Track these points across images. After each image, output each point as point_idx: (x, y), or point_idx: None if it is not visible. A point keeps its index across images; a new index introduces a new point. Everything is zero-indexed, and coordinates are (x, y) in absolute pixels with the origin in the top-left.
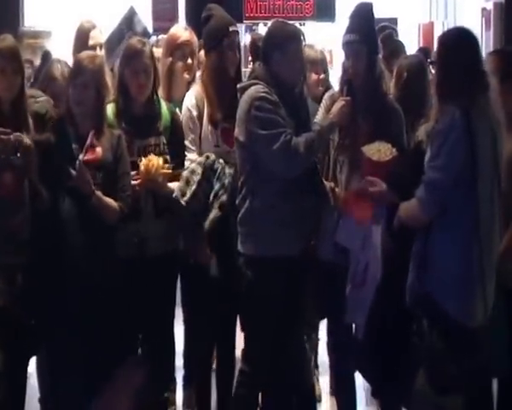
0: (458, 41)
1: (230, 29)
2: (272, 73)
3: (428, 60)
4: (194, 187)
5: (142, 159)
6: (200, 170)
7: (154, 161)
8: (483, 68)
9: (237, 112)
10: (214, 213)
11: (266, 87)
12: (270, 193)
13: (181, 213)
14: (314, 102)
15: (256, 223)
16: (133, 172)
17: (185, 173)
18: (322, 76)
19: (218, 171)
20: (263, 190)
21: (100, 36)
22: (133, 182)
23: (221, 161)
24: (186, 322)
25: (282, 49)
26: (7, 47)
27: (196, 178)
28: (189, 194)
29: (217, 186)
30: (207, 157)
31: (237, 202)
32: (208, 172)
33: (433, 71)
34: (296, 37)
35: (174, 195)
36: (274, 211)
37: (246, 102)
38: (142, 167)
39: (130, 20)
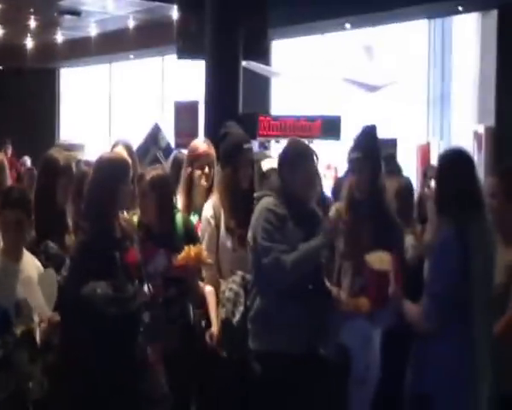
0: (454, 160)
1: (245, 147)
2: (284, 187)
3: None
4: (241, 308)
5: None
6: (242, 292)
7: (204, 251)
8: (478, 185)
9: (251, 219)
10: None
11: (277, 199)
12: (275, 295)
13: (232, 335)
14: None
15: (265, 322)
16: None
17: (232, 296)
18: None
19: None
20: (269, 291)
21: (121, 151)
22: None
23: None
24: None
25: (293, 165)
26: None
27: (242, 299)
28: (238, 315)
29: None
30: (243, 278)
31: (248, 302)
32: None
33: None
34: (307, 154)
35: (225, 317)
36: (280, 311)
37: (258, 211)
38: (191, 252)
39: (155, 135)
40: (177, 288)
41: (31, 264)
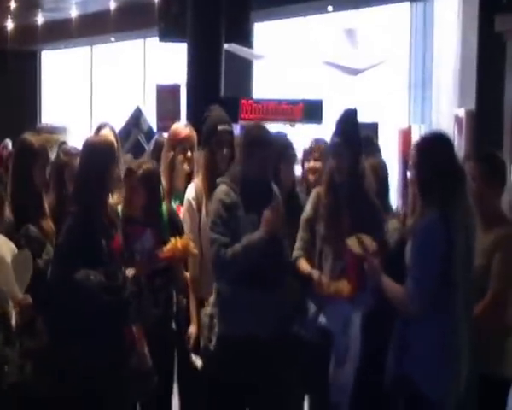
0: (432, 144)
1: (219, 128)
2: (240, 171)
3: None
4: (216, 331)
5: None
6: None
7: (191, 242)
8: (458, 168)
9: None
10: None
11: (231, 186)
12: (230, 281)
13: (210, 360)
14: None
15: (222, 306)
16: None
17: (207, 321)
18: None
19: None
20: (224, 277)
21: (109, 134)
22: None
23: None
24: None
25: (247, 150)
26: (44, 146)
27: (216, 321)
28: (214, 339)
29: None
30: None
31: (211, 299)
32: None
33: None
34: (261, 140)
35: (202, 344)
36: (235, 296)
37: (212, 201)
38: (178, 244)
39: (136, 118)
40: (163, 277)
41: (4, 246)
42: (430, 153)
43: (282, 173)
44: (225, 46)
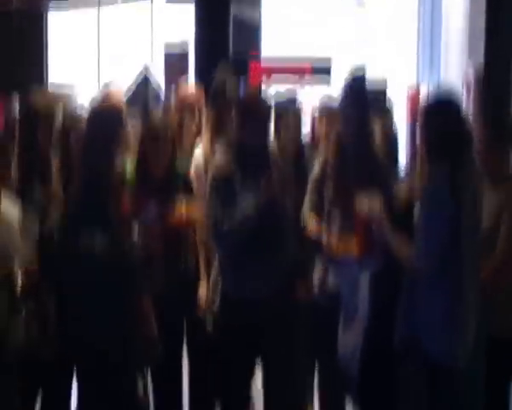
0: (440, 105)
1: (226, 89)
2: (238, 136)
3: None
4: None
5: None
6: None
7: (195, 207)
8: (466, 128)
9: None
10: None
11: (227, 151)
12: (228, 245)
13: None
14: None
15: (222, 271)
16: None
17: (212, 285)
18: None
19: None
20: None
21: (116, 93)
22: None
23: None
24: (190, 357)
25: (242, 118)
26: (51, 106)
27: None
28: (217, 301)
29: None
30: None
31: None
32: None
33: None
34: (257, 108)
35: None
36: (231, 259)
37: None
38: (183, 209)
39: (144, 80)
40: (172, 243)
41: (11, 210)
42: (437, 114)
43: (282, 138)
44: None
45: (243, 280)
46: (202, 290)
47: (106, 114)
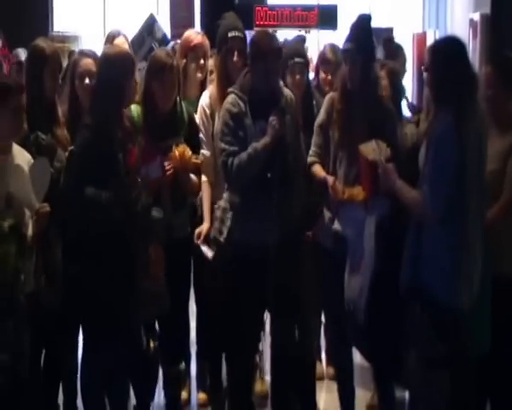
0: (447, 48)
1: (229, 35)
2: (249, 80)
3: (422, 67)
4: (228, 224)
5: (174, 147)
6: (229, 207)
7: (188, 150)
8: (472, 72)
9: None
10: None
11: (239, 95)
12: (235, 189)
13: (221, 252)
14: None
15: (233, 214)
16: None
17: (219, 213)
18: (329, 77)
19: None
20: (233, 185)
21: (123, 43)
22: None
23: None
24: (198, 302)
25: (255, 60)
26: (56, 51)
27: (229, 215)
28: (225, 232)
29: None
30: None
31: (225, 195)
32: None
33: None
34: (269, 50)
35: (212, 235)
36: (243, 203)
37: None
38: (176, 153)
39: (150, 26)
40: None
41: (20, 156)
42: (444, 56)
43: (289, 82)
44: None
45: (253, 223)
46: (204, 226)
47: (115, 61)
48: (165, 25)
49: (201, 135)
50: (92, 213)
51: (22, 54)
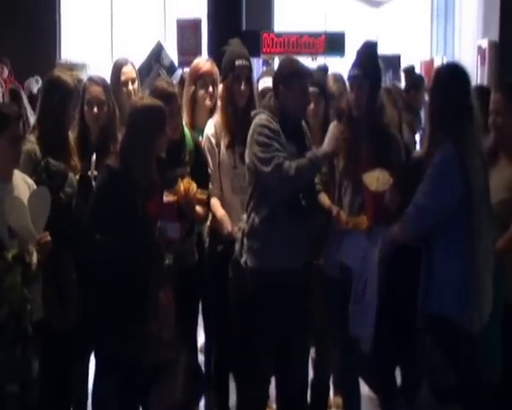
0: (450, 76)
1: (236, 63)
2: (278, 104)
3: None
4: (247, 247)
5: (179, 180)
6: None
7: (193, 185)
8: (471, 102)
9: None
10: None
11: (270, 116)
12: (268, 212)
13: (239, 274)
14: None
15: (258, 238)
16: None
17: (239, 236)
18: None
19: None
20: (262, 209)
21: (131, 71)
22: (167, 199)
23: None
24: (206, 329)
25: (286, 83)
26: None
27: (249, 239)
28: (245, 255)
29: None
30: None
31: (244, 217)
32: None
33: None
34: (301, 73)
35: (234, 256)
36: (272, 229)
37: (251, 128)
38: (181, 188)
39: (158, 53)
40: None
41: (21, 183)
42: (446, 84)
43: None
44: None
45: (280, 250)
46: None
47: (148, 114)
48: (172, 52)
49: (210, 167)
50: (102, 257)
51: (34, 84)
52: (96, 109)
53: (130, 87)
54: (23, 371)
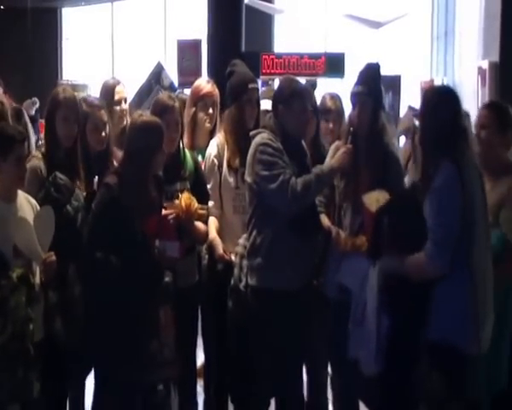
0: (437, 98)
1: (250, 86)
2: (278, 123)
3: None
4: (245, 271)
5: (180, 195)
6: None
7: (194, 202)
8: (463, 123)
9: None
10: None
11: (271, 135)
12: (270, 231)
13: (239, 299)
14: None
15: (259, 257)
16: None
17: (237, 260)
18: (331, 126)
19: None
20: (265, 228)
21: (124, 91)
22: (167, 212)
23: None
24: (206, 350)
25: (286, 103)
26: (71, 97)
27: (245, 262)
28: (244, 280)
29: None
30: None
31: (245, 236)
32: None
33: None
34: (301, 93)
35: (232, 283)
36: (274, 248)
37: (253, 148)
38: (182, 203)
39: (158, 74)
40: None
41: (26, 203)
42: (434, 106)
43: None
44: (246, 0)
45: (284, 269)
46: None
47: (148, 130)
48: (172, 73)
49: (209, 186)
50: (100, 275)
51: (31, 106)
52: (103, 134)
53: (124, 106)
54: (24, 392)
